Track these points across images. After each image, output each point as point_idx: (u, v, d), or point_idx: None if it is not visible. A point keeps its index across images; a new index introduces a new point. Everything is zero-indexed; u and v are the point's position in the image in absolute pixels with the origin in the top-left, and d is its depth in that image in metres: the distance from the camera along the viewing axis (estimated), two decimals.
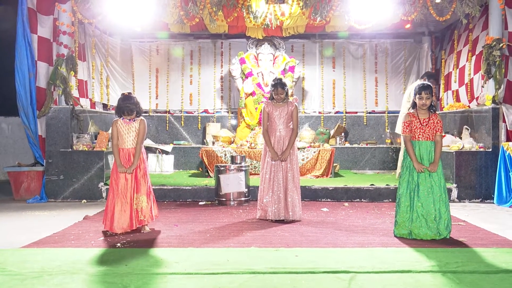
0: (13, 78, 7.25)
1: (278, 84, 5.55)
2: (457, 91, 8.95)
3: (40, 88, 7.37)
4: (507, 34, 7.13)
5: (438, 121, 4.67)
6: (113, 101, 9.79)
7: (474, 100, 8.15)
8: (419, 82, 7.52)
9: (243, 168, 6.74)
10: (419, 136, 4.65)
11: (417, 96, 4.66)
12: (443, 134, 7.85)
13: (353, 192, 7.08)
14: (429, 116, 4.67)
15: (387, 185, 7.18)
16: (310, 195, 7.07)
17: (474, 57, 8.28)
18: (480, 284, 3.25)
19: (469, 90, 8.40)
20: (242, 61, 9.89)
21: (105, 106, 9.75)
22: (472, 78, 8.33)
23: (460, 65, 8.87)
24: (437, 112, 4.76)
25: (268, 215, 5.49)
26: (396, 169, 9.66)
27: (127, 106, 4.90)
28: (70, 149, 7.31)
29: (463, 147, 7.30)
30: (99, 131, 7.81)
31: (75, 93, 7.98)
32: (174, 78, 10.78)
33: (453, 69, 9.16)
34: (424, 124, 4.65)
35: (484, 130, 7.36)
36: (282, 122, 5.56)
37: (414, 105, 4.76)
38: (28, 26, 7.23)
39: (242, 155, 7.50)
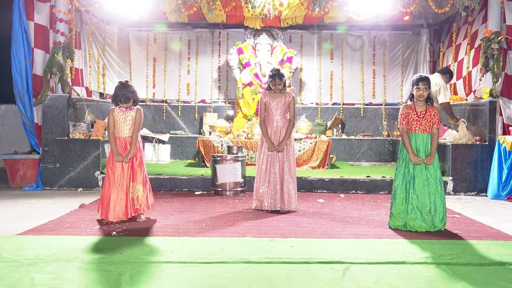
0: (9, 65, 7.20)
1: (276, 75, 5.54)
2: (454, 84, 8.94)
3: (36, 75, 7.33)
4: (506, 28, 7.12)
5: (435, 114, 4.66)
6: (110, 90, 9.74)
7: (472, 93, 8.15)
8: (438, 75, 7.67)
9: (240, 159, 6.74)
10: (416, 128, 4.65)
11: (415, 87, 4.65)
12: (445, 128, 7.90)
13: (349, 183, 7.10)
14: (426, 109, 4.67)
15: (383, 177, 7.20)
16: (306, 186, 7.08)
17: (473, 51, 8.26)
18: (473, 276, 3.27)
19: (467, 83, 8.39)
20: (240, 51, 9.86)
21: (101, 95, 9.71)
22: (471, 71, 8.32)
23: (459, 58, 8.86)
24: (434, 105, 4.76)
25: (264, 205, 5.50)
26: (392, 161, 9.69)
27: (124, 94, 4.88)
28: (66, 137, 7.29)
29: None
30: (96, 120, 7.79)
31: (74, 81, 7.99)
32: (171, 68, 10.74)
33: (451, 62, 9.14)
34: (421, 116, 4.64)
35: (480, 123, 7.37)
36: (279, 112, 5.56)
37: (411, 97, 4.75)
38: (24, 13, 7.17)
39: (239, 145, 7.49)
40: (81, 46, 8.72)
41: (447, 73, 7.95)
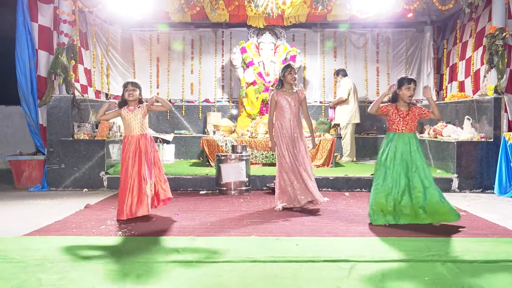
0: (14, 67, 7.22)
1: (290, 65, 5.70)
2: (463, 82, 8.83)
3: (40, 77, 7.35)
4: (511, 24, 7.07)
5: (418, 108, 4.85)
6: (114, 91, 9.79)
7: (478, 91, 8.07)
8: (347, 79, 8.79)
9: (244, 158, 6.74)
10: (402, 128, 4.80)
11: (404, 87, 4.76)
12: (445, 125, 7.88)
13: (354, 181, 7.09)
14: (409, 109, 4.82)
15: None
16: None
17: (481, 49, 8.14)
18: (479, 273, 3.26)
19: (472, 80, 8.29)
20: (243, 50, 9.85)
21: (105, 95, 9.74)
22: (479, 69, 8.20)
23: (467, 56, 8.76)
24: (437, 102, 4.82)
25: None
26: None
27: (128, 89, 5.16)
28: (71, 138, 7.31)
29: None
30: (100, 120, 7.80)
31: (83, 82, 8.01)
32: (175, 67, 10.73)
33: (458, 60, 9.04)
34: (406, 115, 4.80)
35: (485, 120, 7.33)
36: (293, 111, 5.64)
37: (395, 99, 4.83)
38: (28, 15, 7.18)
39: (243, 144, 7.50)
40: (87, 46, 8.75)
41: (338, 74, 9.60)
